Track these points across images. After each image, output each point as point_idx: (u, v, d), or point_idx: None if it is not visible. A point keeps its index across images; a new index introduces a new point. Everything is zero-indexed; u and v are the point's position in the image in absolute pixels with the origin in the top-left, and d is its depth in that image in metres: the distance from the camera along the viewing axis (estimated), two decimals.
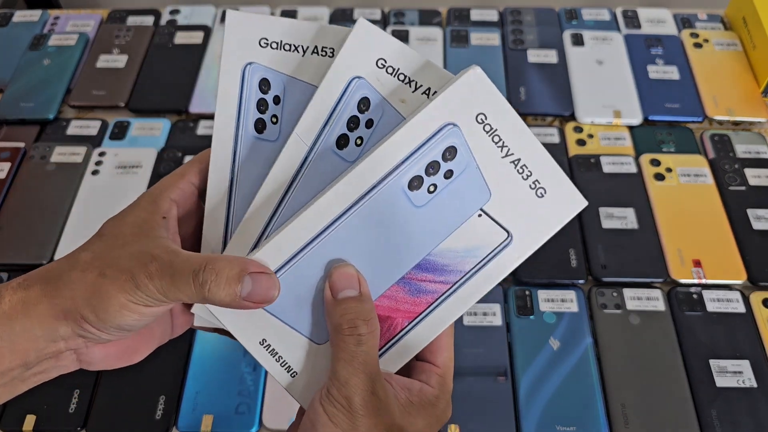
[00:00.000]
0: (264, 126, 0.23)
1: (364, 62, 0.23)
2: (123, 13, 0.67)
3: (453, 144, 0.22)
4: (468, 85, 0.22)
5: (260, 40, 0.23)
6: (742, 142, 0.55)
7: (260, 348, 0.23)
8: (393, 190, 0.22)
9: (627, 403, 0.40)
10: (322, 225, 0.22)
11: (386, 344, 0.24)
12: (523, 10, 0.65)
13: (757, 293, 0.45)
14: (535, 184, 0.23)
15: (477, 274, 0.23)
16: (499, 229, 0.23)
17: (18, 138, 0.56)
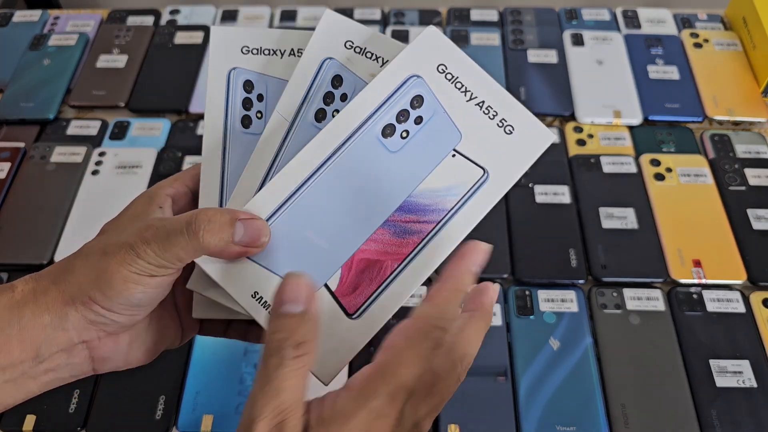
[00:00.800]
0: (250, 121, 0.26)
1: (333, 45, 0.26)
2: (123, 13, 0.67)
3: (419, 93, 0.25)
4: (425, 40, 0.25)
5: (242, 48, 0.26)
6: (742, 142, 0.55)
7: (252, 301, 0.24)
8: (368, 139, 0.24)
9: (627, 403, 0.40)
10: (305, 175, 0.24)
11: (378, 288, 0.24)
12: (523, 10, 0.66)
13: (757, 293, 0.45)
14: (502, 123, 0.25)
15: (460, 211, 0.25)
16: (474, 166, 0.25)
17: (18, 138, 0.56)
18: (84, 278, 0.23)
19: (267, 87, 0.26)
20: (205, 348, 0.43)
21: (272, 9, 0.67)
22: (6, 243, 0.49)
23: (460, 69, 0.25)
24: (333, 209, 0.24)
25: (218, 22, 0.66)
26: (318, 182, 0.24)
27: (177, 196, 0.26)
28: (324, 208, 0.24)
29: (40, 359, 0.23)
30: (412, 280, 0.24)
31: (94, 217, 0.50)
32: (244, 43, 0.26)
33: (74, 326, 0.23)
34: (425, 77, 0.25)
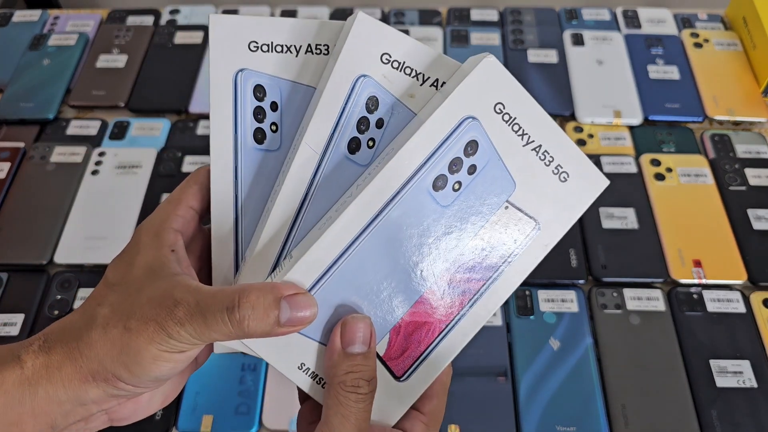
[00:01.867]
0: (264, 136, 0.22)
1: (367, 59, 0.21)
2: (123, 13, 0.67)
3: (474, 138, 0.22)
4: (484, 75, 0.22)
5: (249, 44, 0.22)
6: (742, 142, 0.55)
7: (300, 373, 0.22)
8: (418, 193, 0.21)
9: (627, 403, 0.40)
10: (350, 238, 0.21)
11: (426, 349, 0.23)
12: (523, 10, 0.65)
13: (757, 293, 0.45)
14: (558, 169, 0.23)
15: (510, 265, 0.23)
16: (526, 218, 0.23)
17: (18, 138, 0.56)
18: (105, 355, 0.21)
19: (281, 93, 0.22)
20: None
21: (272, 8, 0.67)
22: (6, 243, 0.49)
23: (519, 108, 0.22)
24: (380, 272, 0.22)
25: None
26: (364, 244, 0.21)
27: (185, 227, 0.24)
28: (370, 271, 0.21)
29: (56, 429, 0.22)
30: (460, 339, 0.23)
31: (94, 217, 0.50)
32: (252, 37, 0.21)
33: (94, 400, 0.22)
34: (481, 119, 0.21)
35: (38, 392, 0.21)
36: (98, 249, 0.48)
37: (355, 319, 0.22)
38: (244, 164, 0.22)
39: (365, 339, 0.22)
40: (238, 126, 0.22)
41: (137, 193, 0.51)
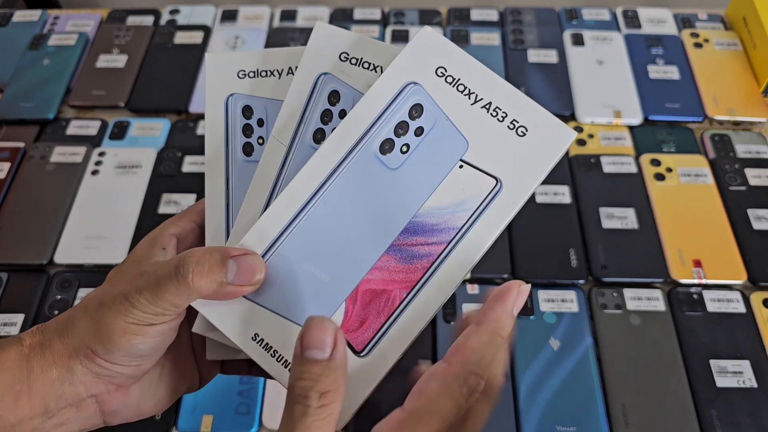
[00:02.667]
0: (252, 149, 0.24)
1: (327, 59, 0.24)
2: (123, 12, 0.67)
3: (417, 101, 0.22)
4: (421, 42, 0.23)
5: (238, 72, 0.25)
6: (742, 142, 0.55)
7: (253, 344, 0.22)
8: (365, 157, 0.22)
9: (627, 403, 0.40)
10: (300, 204, 0.22)
11: (387, 320, 0.22)
12: (523, 10, 0.65)
13: (757, 293, 0.45)
14: (513, 124, 0.22)
15: (472, 229, 0.22)
16: (485, 176, 0.22)
17: (18, 138, 0.56)
18: (84, 330, 0.22)
19: (266, 111, 0.24)
20: None
21: (272, 9, 0.67)
22: (6, 243, 0.49)
23: (462, 70, 0.22)
24: (332, 238, 0.22)
25: (218, 21, 0.66)
26: (314, 210, 0.22)
27: (183, 234, 0.25)
28: (322, 237, 0.22)
29: (50, 414, 0.22)
30: (425, 309, 0.22)
31: (94, 217, 0.50)
32: (240, 67, 0.25)
33: (81, 380, 0.22)
34: (423, 83, 0.22)
35: (33, 368, 0.22)
36: (98, 249, 0.48)
37: (321, 321, 0.20)
38: (235, 175, 0.24)
39: (324, 343, 0.19)
40: (230, 142, 0.24)
41: (137, 193, 0.51)
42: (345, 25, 0.64)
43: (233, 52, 0.26)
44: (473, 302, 0.45)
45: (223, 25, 0.66)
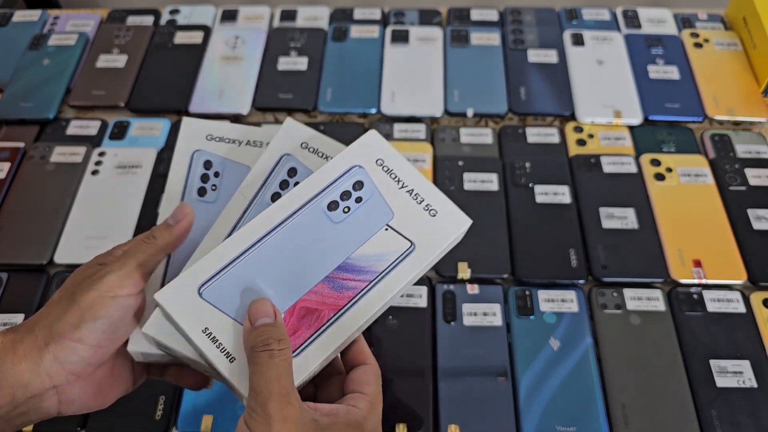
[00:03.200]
0: (205, 192, 0.31)
1: (291, 145, 0.32)
2: (123, 13, 0.67)
3: (360, 179, 0.30)
4: (368, 140, 0.31)
5: (207, 135, 0.33)
6: (742, 142, 0.55)
7: (203, 336, 0.26)
8: (316, 210, 0.29)
9: (627, 403, 0.40)
10: (259, 235, 0.28)
11: (315, 332, 0.28)
12: (523, 10, 0.65)
13: (757, 293, 0.45)
14: (427, 207, 0.30)
15: (390, 274, 0.29)
16: (403, 239, 0.30)
17: (18, 138, 0.56)
18: (54, 318, 0.26)
19: (224, 167, 0.32)
20: None
21: (272, 9, 0.67)
22: (6, 243, 0.49)
23: (395, 164, 0.31)
24: (281, 264, 0.28)
25: (218, 22, 0.66)
26: (270, 241, 0.28)
27: None
28: (273, 263, 0.28)
29: (16, 404, 0.25)
30: (345, 329, 0.28)
31: (94, 217, 0.50)
32: (209, 132, 0.33)
33: (47, 371, 0.25)
34: (366, 167, 0.31)
35: (6, 363, 0.25)
36: (98, 249, 0.47)
37: (260, 301, 0.27)
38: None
39: (269, 313, 0.26)
40: (188, 184, 0.31)
41: (137, 193, 0.51)
42: (345, 26, 0.64)
43: (205, 120, 0.33)
44: (473, 302, 0.45)
45: (223, 25, 0.66)
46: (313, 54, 0.61)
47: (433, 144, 0.55)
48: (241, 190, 0.31)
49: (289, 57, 0.61)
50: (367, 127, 0.56)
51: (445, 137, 0.55)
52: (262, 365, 0.24)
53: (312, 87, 0.59)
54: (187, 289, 0.27)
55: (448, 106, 0.57)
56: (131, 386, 0.31)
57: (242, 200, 0.31)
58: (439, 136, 0.55)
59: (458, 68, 0.60)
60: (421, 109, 0.57)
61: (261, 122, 0.57)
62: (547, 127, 0.56)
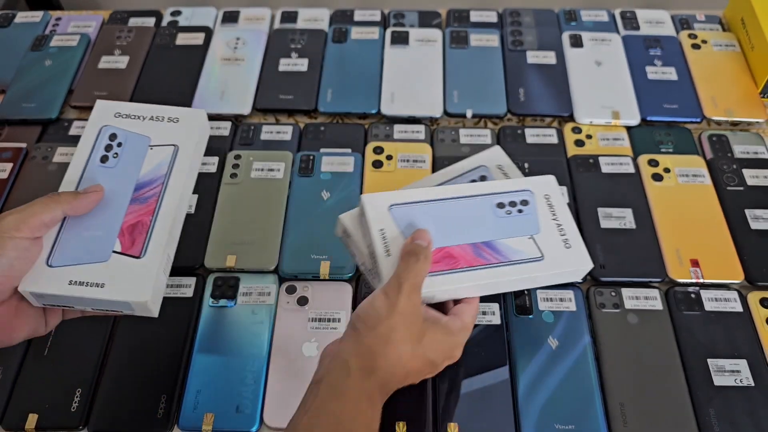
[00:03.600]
0: (107, 159, 0.39)
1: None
2: (124, 14, 0.68)
3: (527, 198, 0.40)
4: (546, 179, 0.41)
5: (115, 113, 0.41)
6: (740, 142, 0.55)
7: (378, 233, 0.36)
8: (489, 202, 0.39)
9: (625, 402, 0.41)
10: (445, 196, 0.38)
11: (448, 270, 0.36)
12: (522, 12, 0.66)
13: (754, 293, 0.46)
14: (566, 241, 0.38)
15: (514, 266, 0.37)
16: (538, 250, 0.38)
17: (20, 138, 0.56)
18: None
19: (126, 138, 0.40)
20: (206, 347, 0.43)
21: (273, 10, 0.68)
22: None
23: (557, 203, 0.40)
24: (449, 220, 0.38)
25: (219, 23, 0.67)
26: (450, 203, 0.38)
27: None
28: (444, 216, 0.38)
29: None
30: (468, 279, 0.36)
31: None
32: (117, 110, 0.40)
33: None
34: (536, 194, 0.40)
35: None
36: None
37: (424, 230, 0.36)
38: (88, 174, 0.38)
39: (426, 239, 0.35)
40: (93, 153, 0.39)
41: None
42: (345, 27, 0.64)
43: (116, 102, 0.41)
44: None
45: (224, 27, 0.66)
46: (313, 55, 0.61)
47: (432, 144, 0.55)
48: (449, 171, 0.43)
49: (290, 58, 0.62)
50: (367, 128, 0.57)
51: (445, 138, 0.56)
52: (409, 263, 0.34)
53: (312, 88, 0.59)
54: (384, 203, 0.37)
55: (448, 107, 0.57)
56: (43, 329, 0.35)
57: (446, 175, 0.42)
58: (439, 137, 0.56)
59: (458, 69, 0.60)
60: (421, 109, 0.57)
61: (261, 123, 0.58)
62: (545, 128, 0.56)
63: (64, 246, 0.35)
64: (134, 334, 0.44)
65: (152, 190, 0.38)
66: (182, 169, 0.39)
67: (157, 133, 0.40)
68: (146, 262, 0.35)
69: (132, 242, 0.36)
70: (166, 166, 0.39)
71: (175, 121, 0.40)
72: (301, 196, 0.51)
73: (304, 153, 0.54)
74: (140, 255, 0.35)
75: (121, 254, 0.35)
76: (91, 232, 0.36)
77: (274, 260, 0.47)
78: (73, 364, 0.43)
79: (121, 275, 0.35)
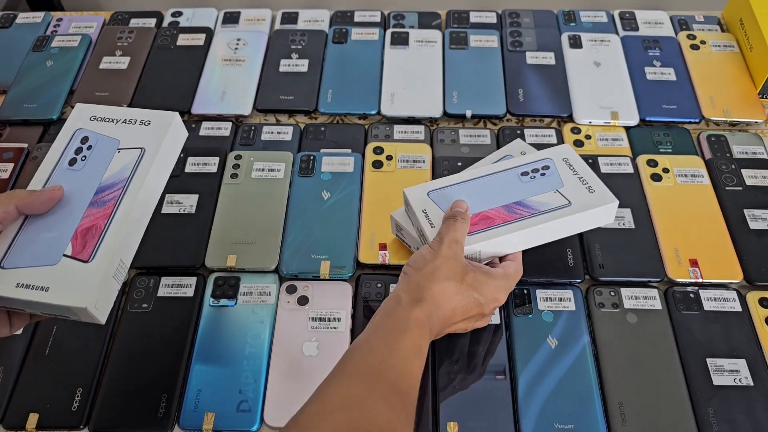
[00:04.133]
0: (75, 162, 0.38)
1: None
2: (125, 15, 0.68)
3: (548, 164, 0.45)
4: (563, 149, 0.46)
5: (90, 117, 0.40)
6: (738, 142, 0.55)
7: (422, 213, 0.42)
8: (513, 173, 0.44)
9: (624, 401, 0.41)
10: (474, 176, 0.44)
11: (486, 228, 0.41)
12: (521, 12, 0.66)
13: (753, 293, 0.46)
14: (589, 188, 0.43)
15: (545, 214, 0.41)
16: (564, 198, 0.42)
17: (21, 139, 0.57)
18: None
19: (97, 141, 0.39)
20: (206, 346, 0.44)
21: (273, 11, 0.68)
22: None
23: (577, 164, 0.45)
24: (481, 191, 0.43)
25: (220, 24, 0.67)
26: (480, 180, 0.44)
27: None
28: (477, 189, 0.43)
29: None
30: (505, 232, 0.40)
31: None
32: (93, 113, 0.40)
33: None
34: (555, 160, 0.45)
35: None
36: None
37: (461, 201, 0.41)
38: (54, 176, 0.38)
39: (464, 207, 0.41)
40: (63, 156, 0.38)
41: None
42: (345, 28, 0.64)
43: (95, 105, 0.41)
44: None
45: (224, 28, 0.66)
46: (314, 56, 0.62)
47: (432, 145, 0.55)
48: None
49: (291, 59, 0.62)
50: (367, 128, 0.57)
51: (444, 138, 0.56)
52: (451, 224, 0.39)
53: (313, 88, 0.59)
54: (423, 191, 0.43)
55: (447, 107, 0.58)
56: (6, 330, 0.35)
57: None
58: (438, 137, 0.56)
59: (457, 70, 0.60)
60: (421, 110, 0.57)
61: (262, 123, 0.58)
62: (545, 128, 0.57)
63: (18, 247, 0.35)
64: (135, 334, 0.44)
65: (112, 194, 0.37)
66: (146, 173, 0.37)
67: (127, 136, 0.39)
68: (93, 266, 0.34)
69: (83, 246, 0.35)
70: (129, 170, 0.38)
71: (147, 123, 0.40)
72: (302, 196, 0.51)
73: (305, 153, 0.54)
74: (88, 259, 0.34)
75: (71, 258, 0.34)
76: (47, 234, 0.35)
77: (274, 260, 0.47)
78: (74, 364, 0.43)
79: (66, 279, 0.34)
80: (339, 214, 0.50)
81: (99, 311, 0.34)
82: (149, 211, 0.39)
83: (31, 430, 0.40)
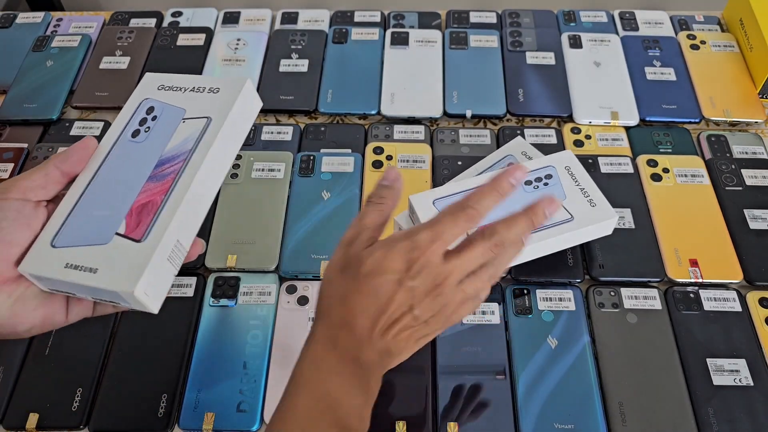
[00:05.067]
0: (138, 133, 0.35)
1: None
2: (125, 15, 0.68)
3: (550, 172, 0.46)
4: (562, 154, 0.47)
5: (158, 86, 0.37)
6: (738, 142, 0.55)
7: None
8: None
9: (624, 401, 0.41)
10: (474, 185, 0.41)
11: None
12: (521, 12, 0.66)
13: (753, 293, 0.46)
14: (590, 201, 0.44)
15: (549, 229, 0.43)
16: (567, 212, 0.44)
17: (21, 139, 0.57)
18: None
19: (163, 111, 0.36)
20: (207, 346, 0.44)
21: (273, 11, 0.68)
22: None
23: (578, 172, 0.46)
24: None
25: (220, 24, 0.67)
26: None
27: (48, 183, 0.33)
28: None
29: None
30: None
31: None
32: (162, 82, 0.38)
33: None
34: (557, 169, 0.46)
35: None
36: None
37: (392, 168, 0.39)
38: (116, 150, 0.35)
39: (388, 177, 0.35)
40: (126, 127, 0.36)
41: None
42: (345, 28, 0.64)
43: (164, 74, 0.38)
44: None
45: (224, 28, 0.66)
46: (314, 56, 0.62)
47: (432, 145, 0.55)
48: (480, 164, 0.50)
49: (291, 59, 0.62)
50: (367, 128, 0.57)
51: (444, 138, 0.56)
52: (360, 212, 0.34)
53: (313, 88, 0.59)
54: (428, 198, 0.43)
55: (447, 107, 0.58)
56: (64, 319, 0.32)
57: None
58: (438, 137, 0.56)
59: (457, 70, 0.60)
60: (421, 110, 0.57)
61: (262, 123, 0.58)
62: (544, 128, 0.57)
63: (71, 225, 0.32)
64: (135, 334, 0.44)
65: (172, 167, 0.33)
66: (210, 144, 0.34)
67: (194, 105, 0.35)
68: (146, 246, 0.31)
69: (137, 223, 0.32)
70: (193, 141, 0.34)
71: (215, 91, 0.36)
72: (302, 196, 0.51)
73: (305, 153, 0.54)
74: (141, 238, 0.31)
75: (123, 236, 0.31)
76: (101, 212, 0.32)
77: (274, 260, 0.47)
78: (74, 364, 0.43)
79: (115, 261, 0.30)
80: (339, 214, 0.50)
81: (149, 298, 0.31)
82: (215, 186, 0.35)
83: (31, 430, 0.40)
